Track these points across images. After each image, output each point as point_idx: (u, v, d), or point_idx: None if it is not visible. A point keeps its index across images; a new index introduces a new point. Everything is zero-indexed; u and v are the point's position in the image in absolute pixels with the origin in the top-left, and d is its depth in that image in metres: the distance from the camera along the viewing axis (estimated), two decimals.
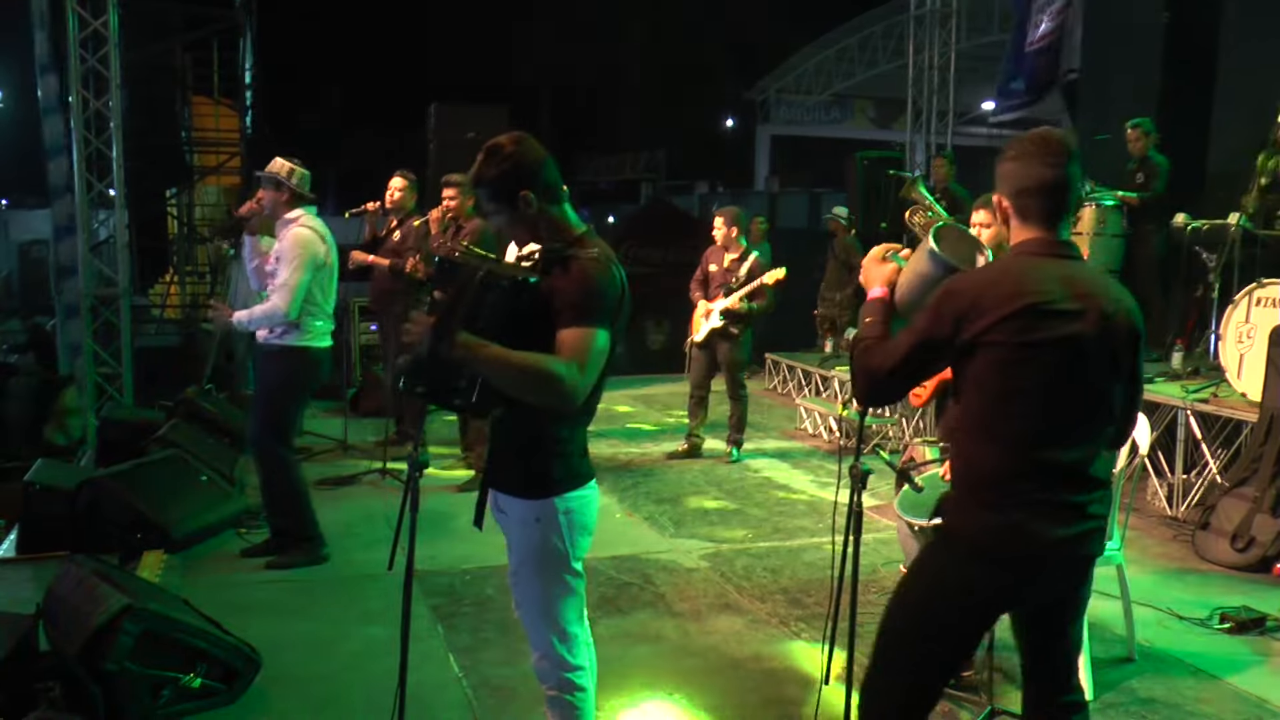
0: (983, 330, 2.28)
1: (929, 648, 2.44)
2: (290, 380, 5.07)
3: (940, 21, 12.00)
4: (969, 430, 2.38)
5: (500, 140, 2.61)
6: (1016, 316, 2.26)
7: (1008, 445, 2.32)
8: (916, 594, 2.48)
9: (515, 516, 2.65)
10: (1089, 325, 2.30)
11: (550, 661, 2.69)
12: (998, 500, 2.33)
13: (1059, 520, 2.32)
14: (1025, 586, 2.39)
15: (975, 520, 2.36)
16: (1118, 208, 7.55)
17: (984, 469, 2.35)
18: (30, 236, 22.97)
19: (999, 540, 2.33)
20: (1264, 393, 5.46)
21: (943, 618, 2.42)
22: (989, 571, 2.36)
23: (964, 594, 2.40)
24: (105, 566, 3.81)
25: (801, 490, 6.77)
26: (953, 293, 2.35)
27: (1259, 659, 4.10)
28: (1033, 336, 2.27)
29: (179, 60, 14.80)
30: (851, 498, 2.98)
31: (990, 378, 2.31)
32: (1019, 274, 2.33)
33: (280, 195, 5.00)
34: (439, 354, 2.39)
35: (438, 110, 10.14)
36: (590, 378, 2.48)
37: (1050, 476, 2.32)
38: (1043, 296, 2.28)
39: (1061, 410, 2.31)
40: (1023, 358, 2.28)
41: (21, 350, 13.32)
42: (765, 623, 4.49)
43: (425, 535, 4.77)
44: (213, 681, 3.59)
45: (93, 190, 8.46)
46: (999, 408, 2.32)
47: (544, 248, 2.61)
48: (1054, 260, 2.36)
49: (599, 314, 2.50)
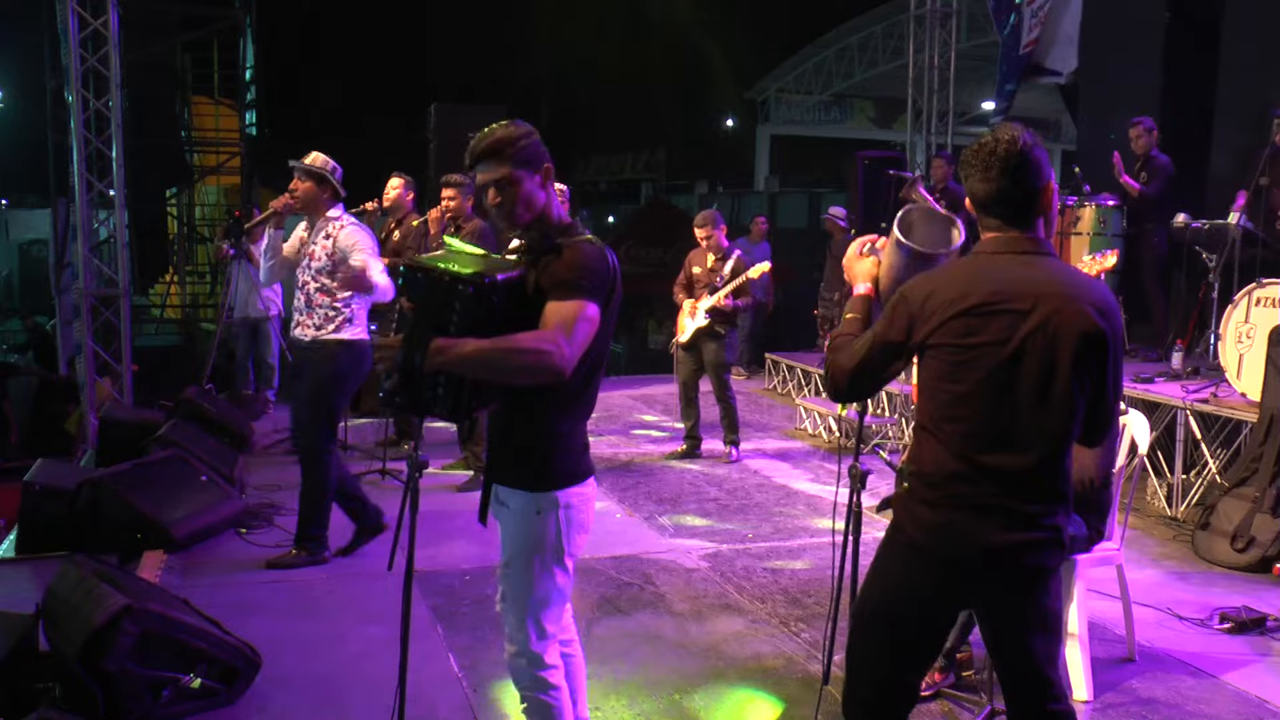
0: (930, 332, 2.30)
1: (885, 639, 2.46)
2: (348, 374, 5.08)
3: (940, 21, 11.99)
4: (919, 429, 2.41)
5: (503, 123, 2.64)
6: (959, 317, 2.27)
7: (951, 446, 2.32)
8: (870, 586, 2.51)
9: (515, 508, 2.66)
10: (1037, 323, 2.26)
11: (526, 659, 2.69)
12: (937, 499, 2.34)
13: (999, 526, 2.30)
14: (962, 587, 2.39)
15: (915, 516, 2.38)
16: (1118, 207, 7.56)
17: (928, 467, 2.36)
18: (30, 236, 23.00)
19: (934, 538, 2.35)
20: (1264, 393, 5.46)
21: (892, 610, 2.44)
22: (926, 568, 2.37)
23: (906, 588, 2.42)
24: (105, 566, 3.81)
25: (801, 490, 6.77)
26: (905, 296, 2.37)
27: (1259, 659, 4.10)
28: (974, 338, 2.26)
29: (179, 60, 14.81)
30: (851, 498, 2.98)
31: (936, 379, 2.33)
32: (969, 275, 2.33)
33: (323, 191, 5.03)
34: (414, 367, 2.38)
35: (437, 110, 10.14)
36: (576, 347, 2.47)
37: (993, 481, 2.30)
38: (987, 296, 2.27)
39: (1006, 413, 2.28)
40: (964, 359, 2.28)
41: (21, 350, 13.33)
42: (765, 623, 4.49)
43: (425, 535, 4.78)
44: (213, 681, 3.59)
45: (93, 190, 8.46)
46: (944, 409, 2.33)
47: (537, 241, 2.63)
48: (1010, 257, 2.34)
49: (588, 288, 2.51)
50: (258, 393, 9.35)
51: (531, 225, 2.65)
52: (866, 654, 2.49)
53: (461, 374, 2.47)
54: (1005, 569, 2.35)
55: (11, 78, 22.47)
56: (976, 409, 2.29)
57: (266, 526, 5.77)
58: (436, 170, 9.35)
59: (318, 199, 5.05)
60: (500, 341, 2.42)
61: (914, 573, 2.39)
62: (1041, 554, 2.35)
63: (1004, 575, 2.36)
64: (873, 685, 2.48)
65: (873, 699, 2.48)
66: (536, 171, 2.63)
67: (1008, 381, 2.27)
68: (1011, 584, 2.38)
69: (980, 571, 2.35)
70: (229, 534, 5.59)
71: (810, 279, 11.15)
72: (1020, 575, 2.37)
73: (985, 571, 2.35)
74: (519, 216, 2.63)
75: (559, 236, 2.62)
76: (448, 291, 2.46)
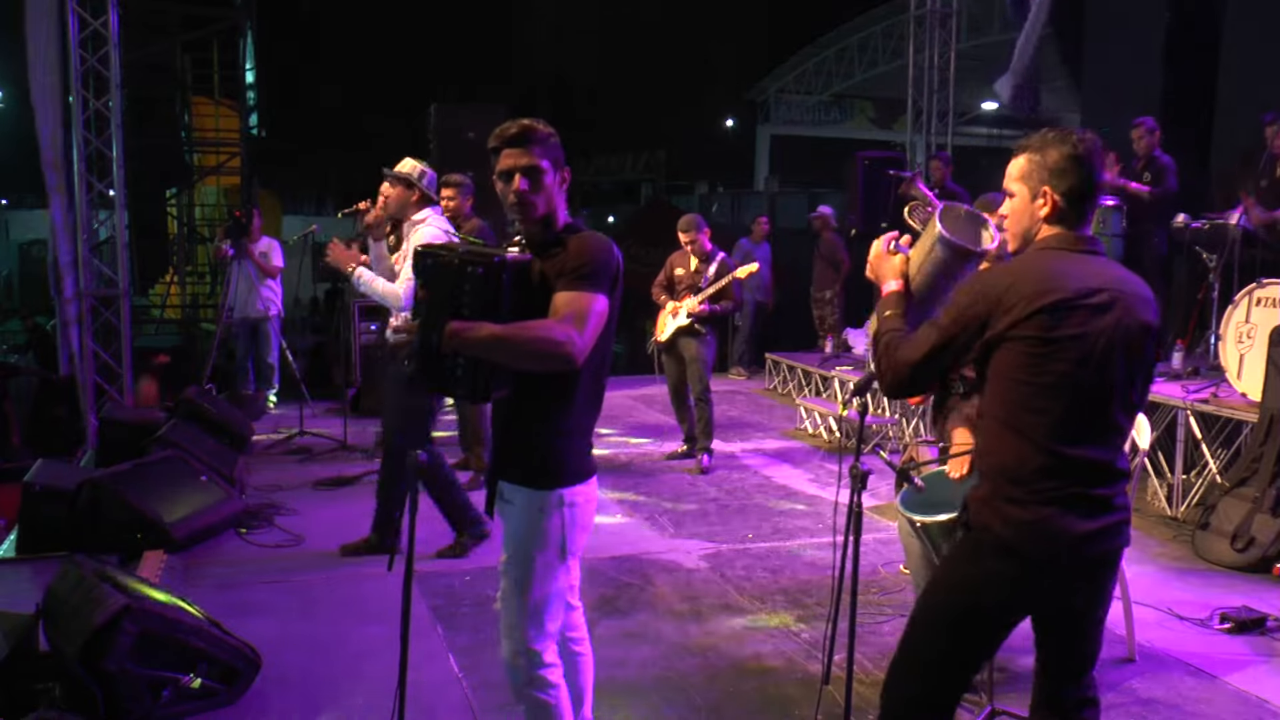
0: (1008, 326, 2.31)
1: (954, 641, 2.44)
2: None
3: (940, 21, 11.99)
4: (994, 425, 2.39)
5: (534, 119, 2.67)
6: (1042, 312, 2.29)
7: (1034, 440, 2.33)
8: (945, 588, 2.48)
9: (519, 504, 2.67)
10: (1113, 319, 2.32)
11: (524, 657, 2.69)
12: (1025, 496, 2.33)
13: (1087, 515, 2.33)
14: (1053, 583, 2.39)
15: (1003, 516, 2.35)
16: (1118, 207, 7.55)
17: (1010, 464, 2.36)
18: (30, 236, 23.00)
19: (1027, 536, 2.33)
20: (1264, 393, 5.45)
21: (970, 612, 2.42)
22: (1017, 568, 2.35)
23: (993, 590, 2.40)
24: (105, 566, 3.81)
25: (801, 490, 6.77)
26: (977, 290, 2.38)
27: (1259, 659, 4.10)
28: (1058, 331, 2.29)
29: (179, 60, 14.81)
30: (851, 498, 2.98)
31: (1016, 373, 2.33)
32: (1044, 270, 2.36)
33: (411, 195, 5.11)
34: (431, 347, 2.43)
35: (438, 110, 10.14)
36: (588, 337, 2.49)
37: (1077, 471, 2.33)
38: (1067, 291, 2.30)
39: (1087, 404, 2.33)
40: (1048, 352, 2.30)
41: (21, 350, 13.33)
42: (765, 623, 4.49)
43: (425, 535, 4.78)
44: (213, 681, 3.59)
45: (93, 190, 8.46)
46: (1025, 402, 2.33)
47: (540, 237, 2.65)
48: (1078, 255, 2.39)
49: (597, 279, 2.54)
50: (258, 393, 9.36)
51: (539, 221, 2.66)
52: (932, 659, 2.46)
53: (477, 356, 2.50)
54: (1091, 557, 2.37)
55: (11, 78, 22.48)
56: (1062, 401, 2.31)
57: (266, 526, 5.77)
58: (436, 170, 9.35)
59: (405, 203, 5.13)
60: (514, 327, 2.45)
61: (1002, 572, 2.37)
62: (1120, 536, 2.41)
63: (1093, 563, 2.39)
64: (936, 686, 2.47)
65: (937, 700, 2.48)
66: (558, 170, 2.67)
67: (1089, 374, 2.31)
68: (1097, 571, 2.42)
69: (1074, 563, 2.36)
70: (229, 534, 5.59)
71: (810, 279, 11.15)
72: (1106, 560, 2.42)
73: (1079, 563, 2.36)
74: (535, 208, 2.64)
75: (563, 232, 2.66)
76: (458, 274, 2.50)
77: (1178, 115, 8.50)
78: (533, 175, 2.61)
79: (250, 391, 9.33)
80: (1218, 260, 6.62)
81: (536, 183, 2.62)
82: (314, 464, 7.27)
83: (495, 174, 2.66)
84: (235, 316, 9.27)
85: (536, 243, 2.67)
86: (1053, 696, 2.53)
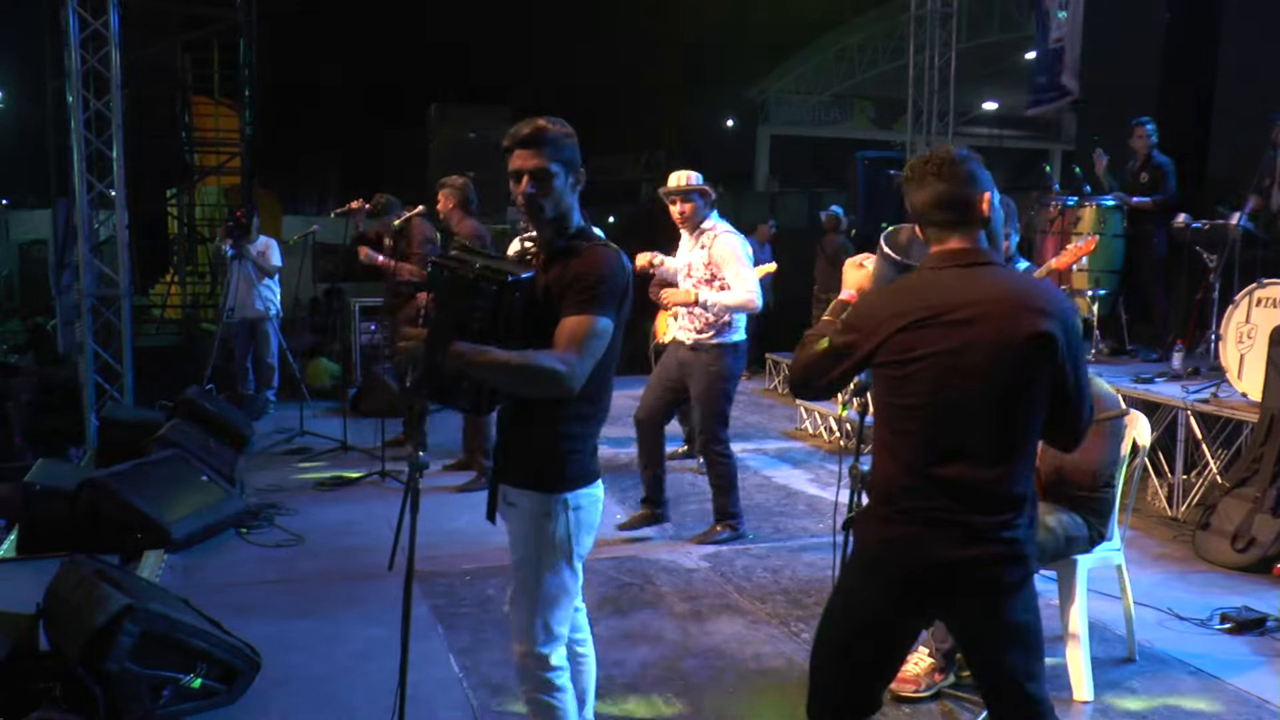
0: (875, 348, 2.33)
1: (843, 652, 2.47)
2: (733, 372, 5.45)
3: (940, 22, 11.99)
4: (875, 444, 2.43)
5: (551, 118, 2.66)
6: (901, 332, 2.29)
7: (902, 460, 2.33)
8: (834, 598, 2.54)
9: (524, 509, 2.67)
10: (982, 333, 2.25)
11: (533, 659, 2.69)
12: (892, 514, 2.34)
13: (955, 540, 2.28)
14: (917, 602, 2.39)
15: (872, 532, 2.39)
16: (1118, 208, 7.55)
17: (883, 483, 2.38)
18: (30, 236, 22.98)
19: (890, 554, 2.35)
20: (1264, 393, 5.45)
21: (849, 625, 2.45)
22: (884, 583, 2.37)
23: (863, 605, 2.43)
24: (105, 566, 3.81)
25: (801, 490, 6.77)
26: (856, 310, 2.45)
27: (1259, 659, 4.09)
28: (916, 351, 2.27)
29: (179, 60, 14.80)
30: (851, 498, 2.98)
31: (883, 394, 2.36)
32: (910, 289, 2.37)
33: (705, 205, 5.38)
34: (435, 365, 2.43)
35: (438, 110, 10.14)
36: (587, 364, 2.50)
37: (944, 493, 2.28)
38: (926, 310, 2.28)
39: (955, 424, 2.28)
40: (909, 373, 2.29)
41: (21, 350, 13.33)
42: (765, 623, 4.49)
43: (425, 536, 4.78)
44: (213, 681, 3.59)
45: (93, 190, 8.46)
46: (891, 423, 2.35)
47: (550, 241, 2.65)
48: (953, 270, 2.35)
49: (603, 300, 2.54)
50: (258, 393, 9.36)
51: (549, 224, 2.65)
52: (828, 670, 2.50)
53: (478, 377, 2.51)
54: (959, 584, 2.33)
55: (12, 78, 22.47)
56: (922, 421, 2.30)
57: (266, 526, 5.77)
58: (436, 170, 9.36)
59: (700, 212, 5.38)
60: (517, 358, 2.44)
61: (871, 588, 2.40)
62: (997, 568, 2.31)
63: (960, 590, 2.34)
64: (835, 701, 2.50)
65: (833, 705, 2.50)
66: (571, 174, 2.65)
67: (953, 393, 2.26)
68: (970, 600, 2.36)
69: (934, 586, 2.33)
70: (229, 534, 5.59)
71: (810, 279, 11.14)
72: (978, 590, 2.34)
73: (939, 586, 2.33)
74: (542, 211, 2.62)
75: (575, 239, 2.64)
76: (471, 289, 2.50)
77: (1178, 115, 8.50)
78: (540, 178, 2.60)
79: (250, 391, 9.33)
80: (1218, 260, 6.62)
81: (544, 186, 2.60)
82: (314, 464, 7.27)
83: (508, 173, 2.66)
84: (235, 317, 9.27)
85: (547, 245, 2.66)
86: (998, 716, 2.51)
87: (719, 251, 5.29)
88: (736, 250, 5.30)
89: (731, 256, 5.28)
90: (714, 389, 5.39)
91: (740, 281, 5.27)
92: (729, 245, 5.29)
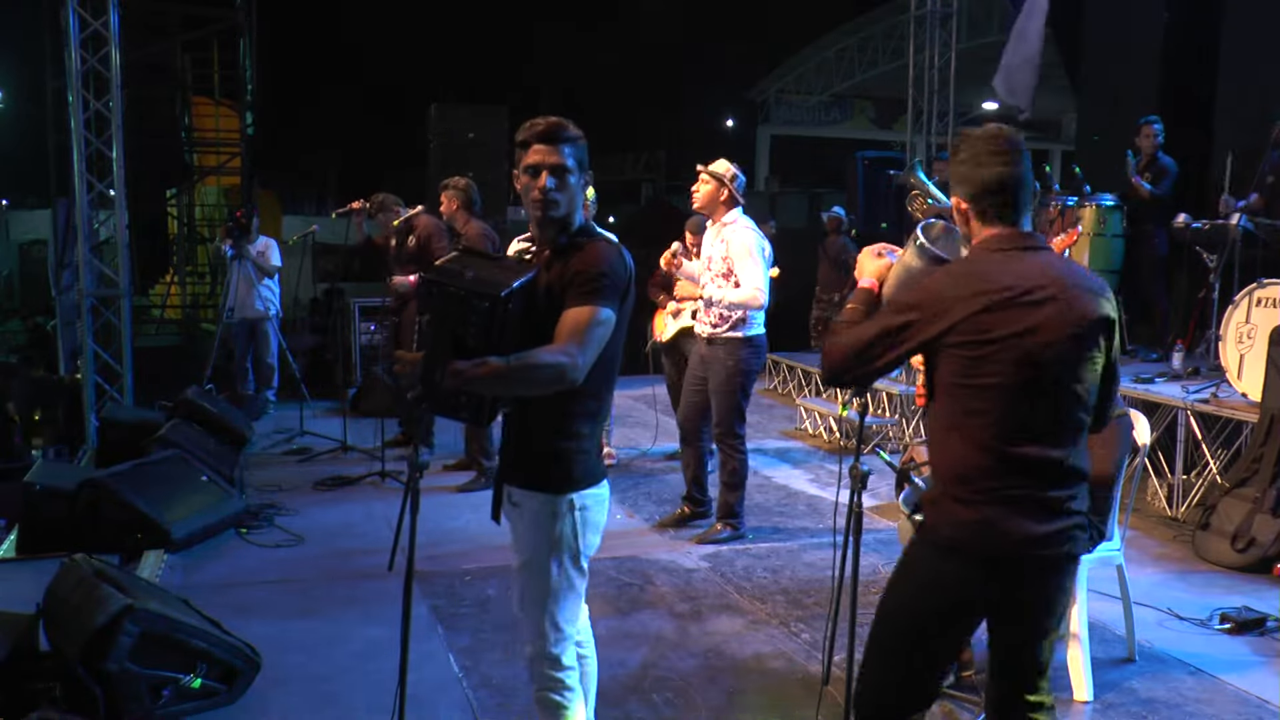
0: (946, 329, 2.31)
1: (912, 642, 2.45)
2: (751, 366, 5.47)
3: (940, 21, 11.99)
4: (941, 427, 2.40)
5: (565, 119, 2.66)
6: (982, 313, 2.28)
7: (977, 441, 2.33)
8: (898, 589, 2.50)
9: (529, 510, 2.66)
10: (1053, 314, 2.30)
11: (543, 660, 2.69)
12: (970, 496, 2.33)
13: (1034, 516, 2.32)
14: (1000, 584, 2.38)
15: (949, 516, 2.37)
16: (1118, 207, 7.55)
17: (956, 465, 2.36)
18: (30, 236, 22.97)
19: (972, 537, 2.34)
20: (1264, 393, 5.45)
21: (923, 613, 2.43)
22: (963, 569, 2.36)
23: (940, 590, 2.41)
24: (105, 566, 3.81)
25: (801, 490, 6.77)
26: (916, 290, 2.40)
27: (1259, 659, 4.10)
28: (995, 332, 2.28)
29: (179, 60, 14.79)
30: (851, 498, 2.98)
31: (956, 375, 2.33)
32: (980, 271, 2.35)
33: (720, 194, 5.41)
34: (434, 384, 2.42)
35: (438, 110, 10.13)
36: (590, 354, 2.50)
37: (1023, 471, 2.32)
38: (1000, 291, 2.29)
39: (1029, 403, 2.31)
40: (985, 354, 2.29)
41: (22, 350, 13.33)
42: (765, 623, 4.49)
43: (425, 536, 4.79)
44: (213, 681, 3.59)
45: (93, 190, 8.46)
46: (966, 404, 2.33)
47: (553, 238, 2.64)
48: (1016, 253, 2.37)
49: (604, 292, 2.54)
50: (258, 393, 9.36)
51: (557, 221, 2.64)
52: (894, 665, 2.48)
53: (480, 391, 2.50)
54: (1043, 560, 2.36)
55: (12, 78, 22.47)
56: (1003, 401, 2.30)
57: (266, 526, 5.77)
58: (436, 170, 9.36)
59: (715, 200, 5.44)
60: (517, 362, 2.42)
61: (949, 573, 2.38)
62: (1073, 541, 2.38)
63: (1041, 566, 2.37)
64: (895, 689, 2.48)
65: (892, 703, 2.49)
66: (582, 174, 2.67)
67: (1030, 373, 2.29)
68: (1046, 575, 2.40)
69: (1015, 565, 2.35)
70: (229, 534, 5.59)
71: (811, 279, 11.12)
72: (1056, 564, 2.39)
73: (1019, 565, 2.35)
74: (558, 206, 2.62)
75: (578, 236, 2.65)
76: (463, 305, 2.48)
77: (1178, 115, 8.49)
78: (560, 174, 2.60)
79: (250, 391, 9.33)
80: (1218, 260, 6.61)
81: (563, 181, 2.61)
82: (314, 464, 7.27)
83: (520, 168, 2.64)
84: (235, 317, 9.27)
85: (548, 243, 2.66)
86: (1006, 699, 2.52)
87: (733, 246, 5.39)
88: (748, 245, 5.37)
89: (743, 251, 5.36)
90: (730, 383, 5.43)
91: (746, 277, 5.33)
92: (741, 240, 5.38)
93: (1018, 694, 2.49)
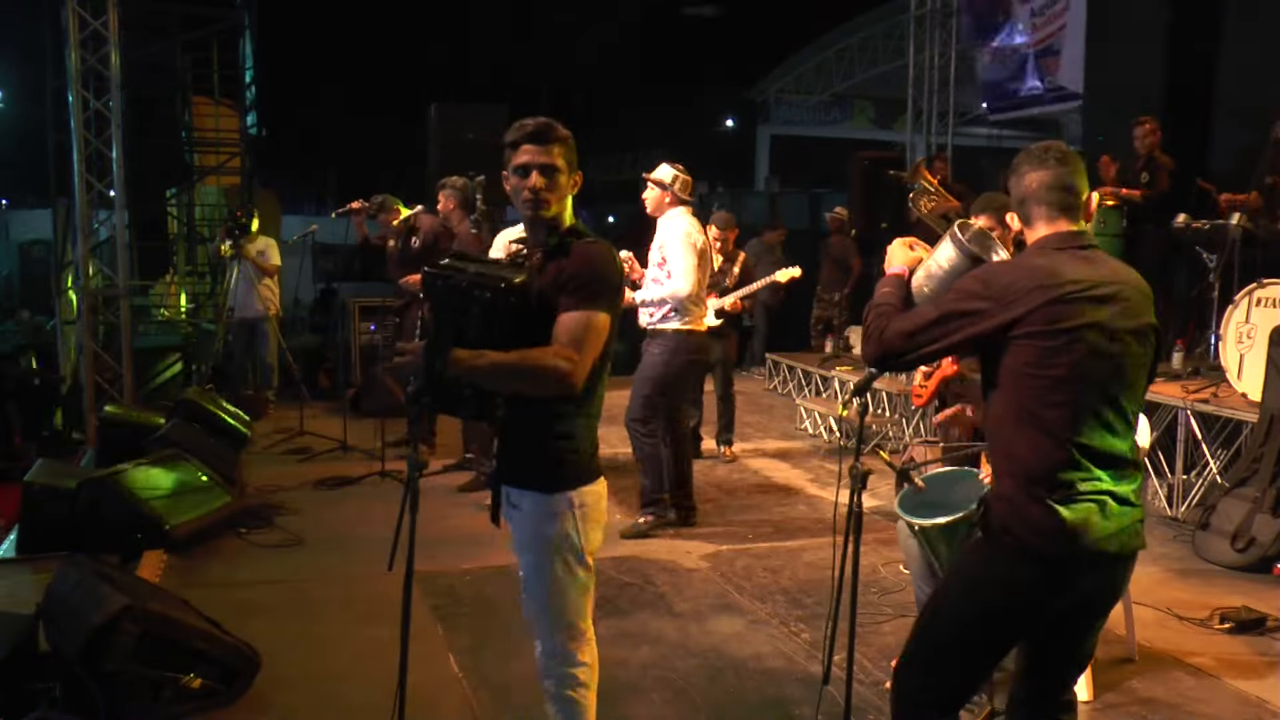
0: (1016, 319, 2.32)
1: (974, 642, 2.45)
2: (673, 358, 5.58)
3: (940, 21, 12.00)
4: (1011, 422, 2.39)
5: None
6: (1050, 305, 2.31)
7: (1053, 434, 2.33)
8: (966, 589, 2.48)
9: (528, 510, 2.67)
10: (1118, 309, 2.36)
11: (556, 658, 2.70)
12: (1047, 495, 2.32)
13: (1110, 514, 2.34)
14: (1075, 587, 2.38)
15: (1027, 520, 2.34)
16: (1118, 207, 7.55)
17: (1030, 460, 2.35)
18: (30, 236, 22.95)
19: (1050, 540, 2.32)
20: (1264, 393, 5.45)
21: (991, 615, 2.43)
22: (1042, 572, 2.35)
23: (1015, 594, 2.39)
24: (105, 566, 3.81)
25: (801, 490, 6.77)
26: (983, 279, 2.41)
27: (1259, 659, 4.10)
28: (1068, 323, 2.31)
29: (179, 60, 14.77)
30: (851, 498, 2.98)
31: (1027, 367, 2.34)
32: (1047, 266, 2.38)
33: (665, 197, 5.67)
34: (435, 374, 2.43)
35: (437, 110, 10.12)
36: (588, 360, 2.51)
37: (1099, 465, 2.34)
38: (1076, 284, 2.33)
39: (1100, 395, 2.35)
40: (1061, 344, 2.31)
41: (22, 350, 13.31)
42: (765, 623, 4.49)
43: (425, 536, 4.78)
44: (213, 681, 3.59)
45: (93, 190, 8.46)
46: (1041, 396, 2.34)
47: (544, 239, 2.64)
48: (1075, 251, 2.42)
49: (600, 296, 2.55)
50: (258, 393, 9.36)
51: (545, 223, 2.65)
52: (962, 662, 2.48)
53: (479, 383, 2.50)
54: (1113, 558, 2.37)
55: (12, 78, 22.45)
56: (1072, 393, 2.32)
57: (266, 526, 5.77)
58: (436, 170, 9.35)
59: (661, 204, 5.69)
60: (516, 357, 2.44)
61: (1022, 576, 2.37)
62: (1140, 535, 2.42)
63: (1111, 564, 2.39)
64: (952, 684, 2.49)
65: (949, 698, 2.49)
66: (573, 174, 2.67)
67: (1100, 364, 2.33)
68: (1113, 571, 2.42)
69: (1093, 565, 2.36)
70: (229, 534, 5.59)
71: (811, 279, 11.10)
72: (1125, 560, 2.42)
73: (1098, 564, 2.36)
74: (547, 206, 2.63)
75: (568, 237, 2.64)
76: (465, 297, 2.51)
77: (1178, 115, 8.49)
78: (550, 174, 2.61)
79: (250, 391, 9.32)
80: (1218, 260, 6.61)
81: (553, 181, 2.62)
82: (314, 464, 7.26)
83: (510, 168, 2.65)
84: (234, 317, 9.27)
85: (541, 242, 2.66)
86: (1042, 694, 2.52)
87: (667, 240, 5.58)
88: (674, 237, 5.54)
89: (673, 242, 5.54)
90: (650, 371, 5.60)
91: (675, 267, 5.50)
92: (672, 232, 5.57)
93: (1057, 691, 2.52)
